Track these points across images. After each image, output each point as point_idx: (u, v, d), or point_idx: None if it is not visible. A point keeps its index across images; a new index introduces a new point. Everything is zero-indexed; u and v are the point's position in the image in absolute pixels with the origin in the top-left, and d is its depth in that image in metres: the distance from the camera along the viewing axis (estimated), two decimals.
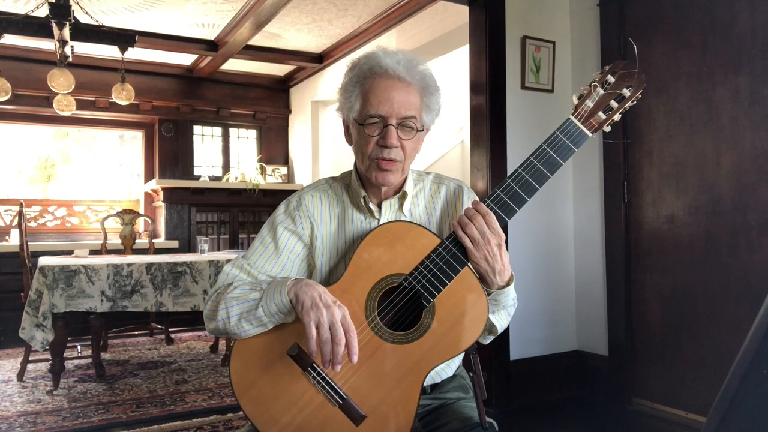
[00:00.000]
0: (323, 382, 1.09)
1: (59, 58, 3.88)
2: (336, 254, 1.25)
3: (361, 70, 1.20)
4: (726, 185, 2.62)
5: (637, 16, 3.00)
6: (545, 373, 3.18)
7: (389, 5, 4.45)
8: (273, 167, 6.67)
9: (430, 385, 1.29)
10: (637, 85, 1.10)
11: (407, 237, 1.14)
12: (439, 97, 1.24)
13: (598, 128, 1.12)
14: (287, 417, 1.10)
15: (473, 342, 1.12)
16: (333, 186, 1.31)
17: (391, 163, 1.18)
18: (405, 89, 1.17)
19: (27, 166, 6.64)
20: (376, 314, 1.12)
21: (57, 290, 3.26)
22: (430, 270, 1.10)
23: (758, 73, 2.50)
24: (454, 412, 1.23)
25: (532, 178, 1.10)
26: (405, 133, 1.18)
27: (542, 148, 1.11)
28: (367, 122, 1.18)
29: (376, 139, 1.18)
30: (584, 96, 1.11)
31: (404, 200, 1.27)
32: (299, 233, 1.25)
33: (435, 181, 1.32)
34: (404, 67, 1.17)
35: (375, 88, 1.17)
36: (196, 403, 3.15)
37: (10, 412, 3.03)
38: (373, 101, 1.17)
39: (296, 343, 1.10)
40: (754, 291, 2.49)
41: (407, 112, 1.17)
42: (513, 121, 3.12)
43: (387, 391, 1.10)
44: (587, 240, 3.25)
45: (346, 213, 1.27)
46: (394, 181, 1.22)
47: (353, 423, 1.09)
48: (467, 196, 1.30)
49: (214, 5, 4.50)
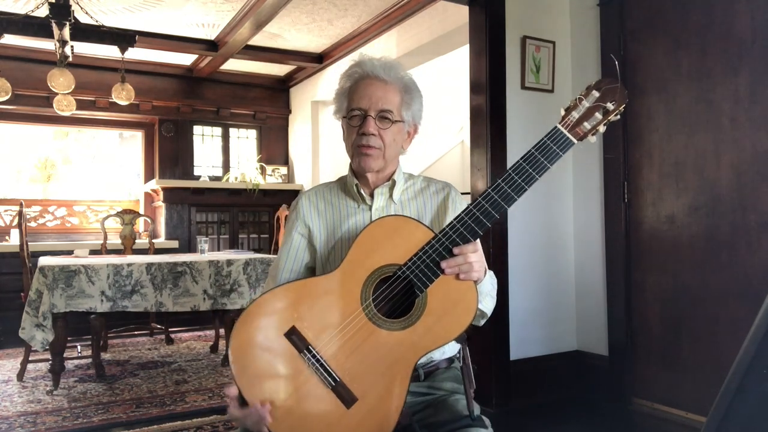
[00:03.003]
0: (317, 364, 1.15)
1: (59, 58, 3.88)
2: (333, 238, 1.40)
3: (347, 75, 1.39)
4: (726, 185, 2.62)
5: (637, 16, 3.00)
6: (545, 373, 3.18)
7: (389, 5, 4.45)
8: (273, 167, 6.67)
9: (424, 372, 1.34)
10: (620, 99, 1.19)
11: (403, 230, 1.21)
12: (421, 99, 1.41)
13: (583, 137, 1.20)
14: (281, 396, 1.16)
15: (463, 330, 1.18)
16: (327, 185, 1.49)
17: (370, 149, 1.33)
18: (383, 87, 1.35)
19: (27, 166, 6.65)
20: (370, 301, 1.18)
21: (57, 290, 3.26)
22: (424, 261, 1.17)
23: (758, 73, 2.50)
24: (447, 407, 1.28)
25: (522, 180, 1.17)
26: (383, 123, 1.34)
27: (531, 152, 1.18)
28: (350, 115, 1.36)
29: (357, 129, 1.34)
30: (570, 108, 1.20)
31: (394, 189, 1.40)
32: (300, 231, 1.43)
33: (425, 180, 1.47)
34: (382, 68, 1.35)
35: (358, 87, 1.36)
36: (196, 403, 3.15)
37: (10, 412, 3.03)
38: (355, 97, 1.36)
39: (294, 325, 1.17)
40: (754, 291, 2.49)
41: (384, 105, 1.34)
42: (513, 121, 3.12)
43: (379, 375, 1.16)
44: (587, 240, 3.25)
45: (340, 202, 1.43)
46: (375, 166, 1.35)
47: (344, 405, 1.15)
48: (454, 193, 1.44)
49: (214, 5, 4.50)
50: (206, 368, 3.92)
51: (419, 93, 1.40)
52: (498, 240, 3.04)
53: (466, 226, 1.16)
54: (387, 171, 1.39)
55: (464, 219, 1.17)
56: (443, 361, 1.37)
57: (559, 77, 3.29)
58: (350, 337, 1.16)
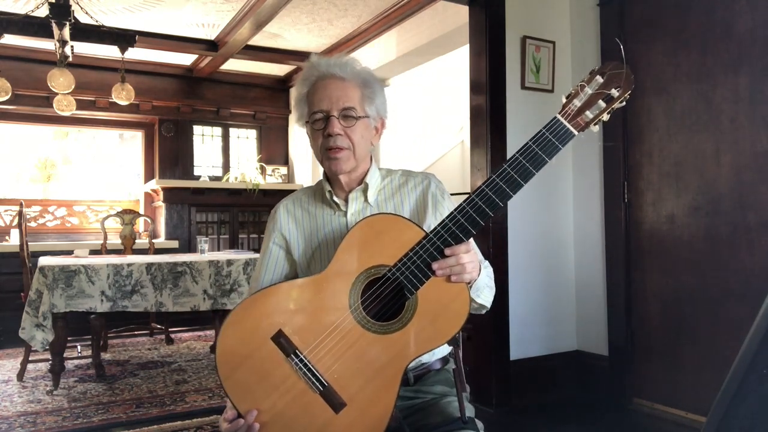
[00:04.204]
0: (305, 368, 1.13)
1: (59, 58, 3.88)
2: (311, 248, 1.36)
3: (303, 80, 1.35)
4: (726, 185, 2.62)
5: (637, 16, 3.00)
6: (545, 373, 3.18)
7: (389, 5, 4.45)
8: (273, 167, 6.68)
9: (415, 375, 1.31)
10: (625, 85, 1.10)
11: (393, 229, 1.16)
12: (382, 92, 1.36)
13: (585, 127, 1.12)
14: (269, 402, 1.13)
15: (454, 334, 1.14)
16: (306, 191, 1.45)
17: (339, 150, 1.29)
18: (341, 84, 1.30)
19: (27, 166, 6.65)
20: (359, 304, 1.14)
21: (57, 290, 3.26)
22: (414, 263, 1.12)
23: (758, 73, 2.50)
24: (439, 410, 1.26)
25: (518, 175, 1.10)
26: (347, 122, 1.29)
27: (528, 145, 1.11)
28: (313, 119, 1.31)
29: (322, 131, 1.30)
30: (572, 95, 1.12)
31: (367, 191, 1.35)
32: (277, 242, 1.40)
33: (404, 175, 1.42)
34: (336, 66, 1.31)
35: (316, 89, 1.31)
36: (196, 403, 3.15)
37: (10, 412, 3.03)
38: (315, 100, 1.31)
39: (280, 329, 1.14)
40: (754, 291, 2.49)
41: (346, 103, 1.29)
42: (513, 121, 3.12)
43: (367, 379, 1.13)
44: (587, 240, 3.25)
45: (317, 210, 1.39)
46: (346, 168, 1.31)
47: (333, 410, 1.12)
48: (434, 185, 1.38)
49: (214, 5, 4.50)
50: (206, 368, 3.92)
51: (380, 86, 1.36)
52: (498, 240, 3.04)
53: (459, 225, 1.11)
54: (359, 171, 1.35)
55: (457, 217, 1.11)
56: (435, 362, 1.34)
57: (559, 77, 3.29)
58: (338, 341, 1.13)
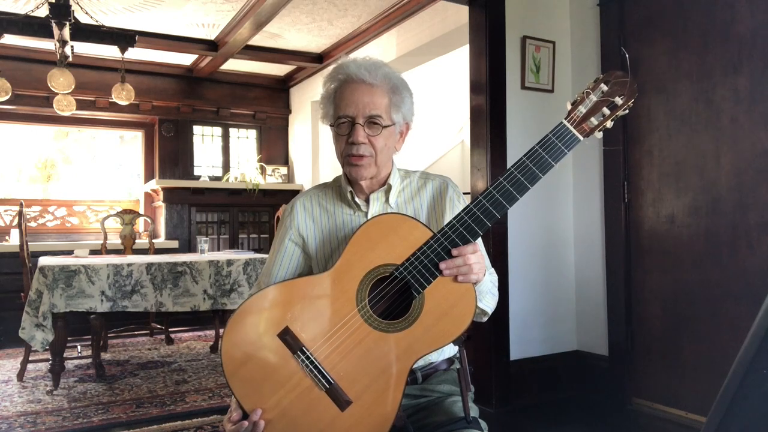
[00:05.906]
0: (311, 365, 1.13)
1: (59, 58, 3.88)
2: (330, 246, 1.35)
3: (331, 79, 1.33)
4: (726, 185, 2.62)
5: (637, 16, 3.00)
6: (545, 373, 3.18)
7: (389, 5, 4.45)
8: (273, 167, 6.67)
9: (423, 374, 1.31)
10: (629, 94, 1.13)
11: (401, 229, 1.17)
12: (410, 97, 1.34)
13: (590, 133, 1.15)
14: (274, 399, 1.14)
15: (461, 333, 1.15)
16: (324, 189, 1.43)
17: (360, 158, 1.28)
18: (369, 91, 1.28)
19: (27, 166, 6.64)
20: (366, 302, 1.15)
21: (57, 290, 3.26)
22: (422, 262, 1.13)
23: (758, 73, 2.50)
24: (443, 409, 1.27)
25: (525, 178, 1.13)
26: (372, 129, 1.28)
27: (535, 149, 1.13)
28: (338, 123, 1.30)
29: (346, 137, 1.29)
30: (577, 102, 1.15)
31: (390, 192, 1.35)
32: (294, 239, 1.39)
33: (422, 177, 1.41)
34: (367, 70, 1.28)
35: (343, 92, 1.29)
36: (196, 403, 3.15)
37: (10, 412, 3.03)
38: (341, 104, 1.29)
39: (287, 326, 1.14)
40: (754, 291, 2.49)
41: (372, 111, 1.27)
42: (513, 121, 3.12)
43: (374, 377, 1.13)
44: (587, 240, 3.25)
45: (335, 209, 1.38)
46: (367, 175, 1.31)
47: (339, 408, 1.12)
48: (452, 190, 1.38)
49: (214, 5, 4.50)
50: (206, 368, 3.92)
51: (409, 91, 1.34)
52: (498, 240, 3.04)
53: (466, 225, 1.13)
54: (381, 175, 1.35)
55: (464, 218, 1.13)
56: (442, 362, 1.35)
57: (559, 77, 3.29)
58: (345, 339, 1.14)
